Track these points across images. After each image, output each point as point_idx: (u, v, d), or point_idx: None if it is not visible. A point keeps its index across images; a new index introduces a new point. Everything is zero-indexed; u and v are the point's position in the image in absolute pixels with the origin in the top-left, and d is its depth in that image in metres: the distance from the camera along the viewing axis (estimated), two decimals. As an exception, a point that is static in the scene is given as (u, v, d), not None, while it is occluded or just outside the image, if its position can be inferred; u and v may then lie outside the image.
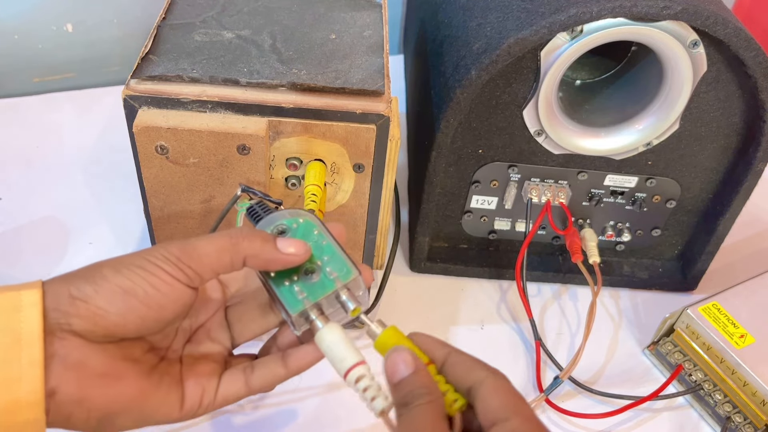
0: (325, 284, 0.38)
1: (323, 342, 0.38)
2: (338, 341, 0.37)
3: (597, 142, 0.59)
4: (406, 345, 0.36)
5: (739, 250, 0.75)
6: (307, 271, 0.38)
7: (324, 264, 0.38)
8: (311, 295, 0.38)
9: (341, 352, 0.37)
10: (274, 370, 0.40)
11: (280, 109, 0.45)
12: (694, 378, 0.58)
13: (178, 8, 0.53)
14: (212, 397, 0.38)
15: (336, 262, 0.39)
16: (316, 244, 0.39)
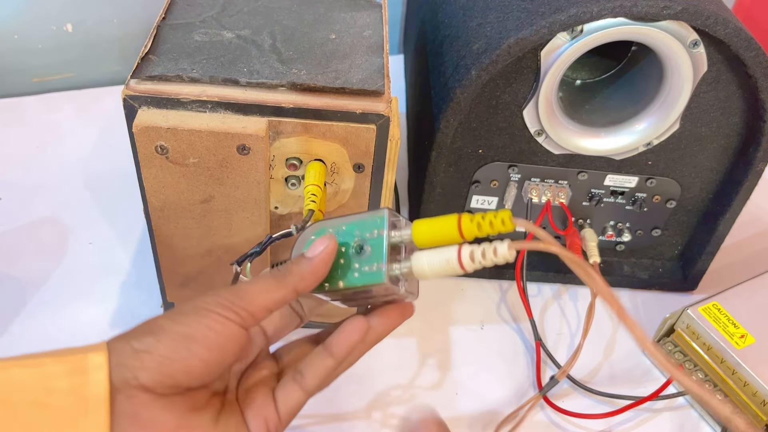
0: (377, 243, 0.35)
1: (423, 270, 0.35)
2: (431, 258, 0.34)
3: (597, 142, 0.59)
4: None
5: (739, 250, 0.75)
6: (356, 251, 0.36)
7: (361, 233, 0.36)
8: (378, 259, 0.35)
9: (440, 260, 0.34)
10: (322, 364, 0.39)
11: (280, 109, 0.45)
12: (694, 378, 0.58)
13: (178, 8, 0.53)
14: (276, 419, 0.38)
15: (366, 223, 0.36)
16: (336, 229, 0.37)
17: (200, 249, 0.51)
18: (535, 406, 0.57)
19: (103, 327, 0.60)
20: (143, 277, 0.64)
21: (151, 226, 0.50)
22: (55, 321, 0.60)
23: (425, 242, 0.34)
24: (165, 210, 0.49)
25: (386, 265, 0.35)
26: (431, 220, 0.34)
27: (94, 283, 0.64)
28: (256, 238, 0.51)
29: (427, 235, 0.34)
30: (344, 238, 0.37)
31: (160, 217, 0.49)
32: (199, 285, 0.54)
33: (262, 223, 0.50)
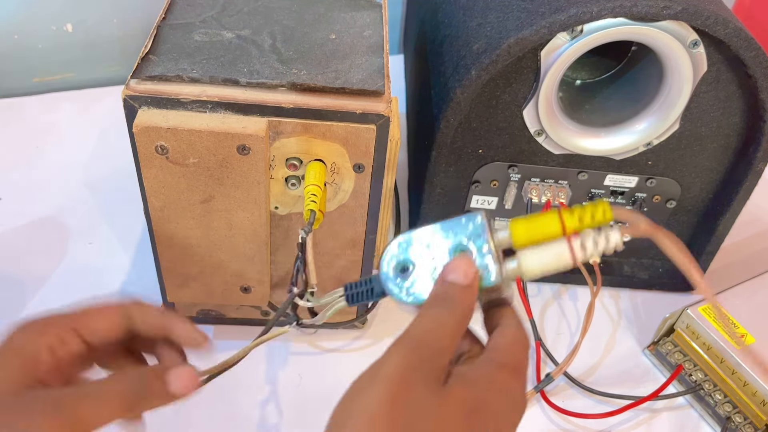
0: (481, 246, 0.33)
1: (532, 268, 0.33)
2: (540, 256, 0.33)
3: (597, 142, 0.59)
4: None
5: (739, 250, 0.75)
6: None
7: (456, 238, 0.34)
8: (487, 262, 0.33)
9: (550, 256, 0.33)
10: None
11: (280, 109, 0.45)
12: (694, 378, 0.58)
13: (178, 8, 0.53)
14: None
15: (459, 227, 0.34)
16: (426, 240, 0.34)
17: (200, 249, 0.51)
18: (536, 407, 0.57)
19: (103, 327, 0.60)
20: (143, 277, 0.64)
21: (151, 226, 0.50)
22: (55, 321, 0.60)
23: (524, 242, 0.34)
24: (165, 210, 0.49)
25: (498, 265, 0.33)
26: (529, 220, 0.34)
27: (94, 283, 0.64)
28: (256, 238, 0.51)
29: (527, 234, 0.33)
30: (434, 247, 0.34)
31: (160, 217, 0.49)
32: (199, 285, 0.54)
33: (263, 223, 0.50)
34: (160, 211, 0.49)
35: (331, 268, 0.56)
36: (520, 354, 0.32)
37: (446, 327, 0.31)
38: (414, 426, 0.28)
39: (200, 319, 0.60)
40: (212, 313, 0.60)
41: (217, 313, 0.60)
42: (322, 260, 0.55)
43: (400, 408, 0.28)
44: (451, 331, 0.31)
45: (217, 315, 0.60)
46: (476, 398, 0.29)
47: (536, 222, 0.33)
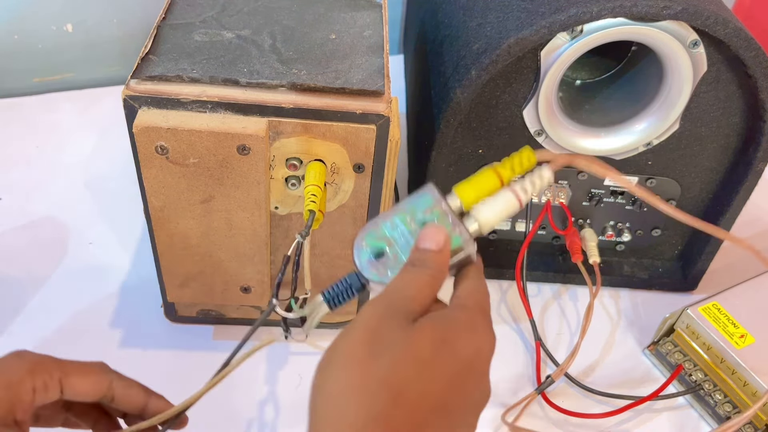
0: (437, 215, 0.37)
1: (489, 220, 0.37)
2: (493, 208, 0.37)
3: (597, 142, 0.59)
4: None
5: (740, 250, 0.75)
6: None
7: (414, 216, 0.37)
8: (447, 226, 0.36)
9: (501, 206, 0.37)
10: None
11: (280, 109, 0.45)
12: (694, 378, 0.58)
13: (178, 8, 0.53)
14: None
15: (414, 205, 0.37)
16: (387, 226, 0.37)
17: (200, 249, 0.51)
18: (536, 407, 0.57)
19: (103, 327, 0.60)
20: (143, 277, 0.64)
21: (151, 226, 0.50)
22: (55, 321, 0.60)
23: (472, 201, 0.37)
24: (165, 210, 0.49)
25: (458, 227, 0.36)
26: (470, 181, 0.37)
27: (94, 283, 0.64)
28: (256, 238, 0.51)
29: (473, 193, 0.37)
30: (399, 227, 0.37)
31: (160, 217, 0.49)
32: (199, 285, 0.54)
33: (263, 223, 0.50)
34: (160, 211, 0.49)
35: (331, 268, 0.56)
36: (481, 298, 0.35)
37: (417, 280, 0.34)
38: (385, 355, 0.30)
39: (200, 319, 0.60)
40: (212, 313, 0.60)
41: (217, 313, 0.60)
42: (322, 260, 0.55)
43: (374, 344, 0.31)
44: (422, 284, 0.34)
45: (217, 315, 0.60)
46: (444, 332, 0.32)
47: (478, 180, 0.37)
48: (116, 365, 0.57)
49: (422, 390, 0.30)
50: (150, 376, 0.57)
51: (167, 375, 0.57)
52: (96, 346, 0.58)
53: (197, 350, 0.59)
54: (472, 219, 0.37)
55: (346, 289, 0.38)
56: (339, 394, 0.30)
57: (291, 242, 0.53)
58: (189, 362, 0.58)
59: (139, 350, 0.58)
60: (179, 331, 0.60)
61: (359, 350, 0.31)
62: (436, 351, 0.31)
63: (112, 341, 0.59)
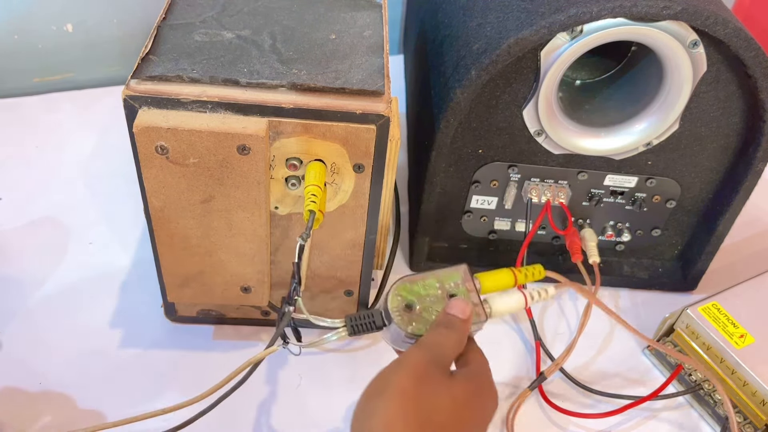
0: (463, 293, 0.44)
1: (500, 311, 0.45)
2: (505, 303, 0.46)
3: (597, 142, 0.59)
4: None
5: (739, 250, 0.75)
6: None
7: (442, 284, 0.44)
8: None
9: (512, 304, 0.46)
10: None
11: (280, 109, 0.45)
12: (694, 378, 0.58)
13: (178, 8, 0.53)
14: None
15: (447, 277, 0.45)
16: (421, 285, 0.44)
17: (200, 249, 0.51)
18: (537, 406, 0.57)
19: (103, 327, 0.60)
20: (143, 277, 0.64)
21: (151, 226, 0.50)
22: (55, 321, 0.60)
23: (489, 289, 0.46)
24: (165, 210, 0.49)
25: (479, 306, 0.44)
26: (492, 274, 0.46)
27: (94, 283, 0.64)
28: (256, 238, 0.51)
29: (492, 285, 0.46)
30: (430, 290, 0.44)
31: (161, 217, 0.49)
32: (199, 285, 0.54)
33: (263, 223, 0.50)
34: (160, 211, 0.49)
35: (331, 268, 0.56)
36: (488, 369, 0.43)
37: (450, 340, 0.41)
38: (432, 396, 0.38)
39: (200, 319, 0.60)
40: (212, 313, 0.60)
41: (217, 313, 0.60)
42: (322, 260, 0.55)
43: (423, 385, 0.38)
44: (453, 343, 0.41)
45: (217, 315, 0.60)
46: (475, 386, 0.41)
47: (499, 276, 0.46)
48: (116, 365, 0.57)
49: (456, 426, 0.38)
50: (150, 376, 0.57)
51: (167, 375, 0.57)
52: (96, 346, 0.58)
53: (197, 350, 0.59)
54: (488, 304, 0.45)
55: (369, 324, 0.44)
56: (391, 421, 0.36)
57: (291, 242, 0.53)
58: (189, 362, 0.58)
59: (139, 350, 0.59)
60: (179, 331, 0.60)
61: (410, 388, 0.37)
62: (469, 399, 0.39)
63: (112, 341, 0.59)
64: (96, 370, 0.57)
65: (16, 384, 0.55)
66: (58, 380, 0.55)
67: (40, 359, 0.57)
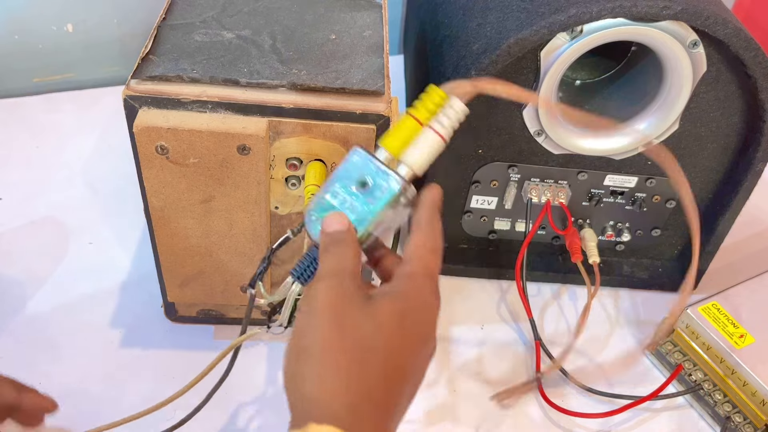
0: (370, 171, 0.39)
1: (421, 162, 0.39)
2: (420, 152, 0.39)
3: (597, 142, 0.59)
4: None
5: (739, 250, 0.75)
6: (360, 191, 0.39)
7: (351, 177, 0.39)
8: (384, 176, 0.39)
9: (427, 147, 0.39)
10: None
11: (280, 109, 0.45)
12: (694, 378, 0.58)
13: (178, 8, 0.53)
14: None
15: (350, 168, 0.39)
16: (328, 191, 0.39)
17: (200, 249, 0.51)
18: (536, 406, 0.57)
19: (104, 327, 0.60)
20: (143, 277, 0.64)
21: (152, 226, 0.50)
22: (55, 321, 0.60)
23: (399, 149, 0.39)
24: (165, 210, 0.49)
25: (394, 176, 0.38)
26: (392, 131, 0.40)
27: (94, 283, 0.64)
28: (256, 238, 0.51)
29: (398, 142, 0.39)
30: (341, 194, 0.39)
31: (161, 217, 0.49)
32: (199, 285, 0.54)
33: (263, 223, 0.50)
34: (160, 211, 0.49)
35: (331, 268, 0.56)
36: (427, 258, 0.37)
37: (346, 257, 0.37)
38: (361, 341, 0.34)
39: (200, 319, 0.60)
40: (212, 312, 0.60)
41: (217, 312, 0.60)
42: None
43: (345, 328, 0.34)
44: (350, 258, 0.37)
45: (217, 315, 0.60)
46: (401, 307, 0.35)
47: (398, 128, 0.40)
48: (116, 365, 0.57)
49: (390, 355, 0.34)
50: (150, 376, 0.57)
51: (167, 375, 0.57)
52: (96, 346, 0.58)
53: (197, 350, 0.59)
54: (404, 165, 0.39)
55: (311, 263, 0.40)
56: (325, 378, 0.33)
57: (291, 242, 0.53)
58: (189, 362, 0.58)
59: (139, 350, 0.59)
60: (179, 331, 0.60)
61: (334, 337, 0.34)
62: (397, 324, 0.35)
63: (112, 341, 0.59)
64: (96, 370, 0.57)
65: (16, 384, 0.55)
66: (58, 380, 0.55)
67: (40, 359, 0.57)
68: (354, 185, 0.39)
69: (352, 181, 0.39)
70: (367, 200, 0.39)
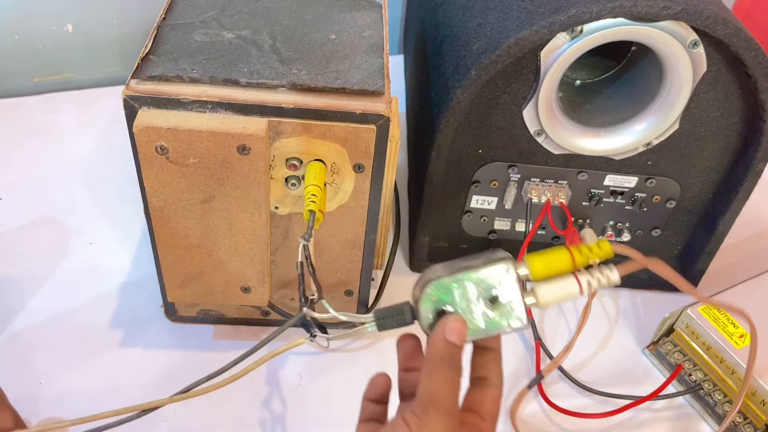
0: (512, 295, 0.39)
1: (548, 302, 0.39)
2: (555, 292, 0.38)
3: (597, 142, 0.59)
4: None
5: (739, 250, 0.75)
6: (489, 301, 0.39)
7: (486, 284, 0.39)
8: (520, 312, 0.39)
9: (564, 292, 0.38)
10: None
11: (280, 109, 0.45)
12: (694, 378, 0.58)
13: (178, 8, 0.53)
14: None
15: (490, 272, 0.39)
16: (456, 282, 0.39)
17: (200, 249, 0.51)
18: (536, 406, 0.57)
19: (104, 327, 0.60)
20: (143, 277, 0.64)
21: (151, 226, 0.50)
22: (55, 321, 0.60)
23: (541, 277, 0.38)
24: (165, 210, 0.49)
25: (524, 312, 0.39)
26: (543, 256, 0.38)
27: (94, 283, 0.64)
28: (256, 238, 0.51)
29: (544, 272, 0.38)
30: (467, 293, 0.39)
31: (161, 217, 0.49)
32: (199, 285, 0.54)
33: (263, 223, 0.50)
34: (160, 211, 0.49)
35: (332, 268, 0.56)
36: (497, 409, 0.40)
37: (457, 387, 0.37)
38: None
39: (200, 319, 0.60)
40: (212, 313, 0.60)
41: (217, 313, 0.60)
42: (323, 260, 0.55)
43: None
44: (458, 386, 0.37)
45: (217, 315, 0.60)
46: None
47: (553, 257, 0.38)
48: (116, 365, 0.57)
49: None
50: (150, 376, 0.57)
51: (167, 375, 0.57)
52: (96, 346, 0.58)
53: (197, 350, 0.59)
54: (533, 296, 0.39)
55: (397, 315, 0.40)
56: None
57: (291, 242, 0.53)
58: (189, 362, 0.58)
59: (139, 350, 0.59)
60: (179, 331, 0.60)
61: None
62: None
63: (112, 341, 0.59)
64: (96, 370, 0.57)
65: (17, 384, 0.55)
66: (58, 380, 0.55)
67: (41, 359, 0.57)
68: (485, 294, 0.38)
69: (486, 288, 0.38)
70: (489, 317, 0.39)
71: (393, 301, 0.41)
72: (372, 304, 0.61)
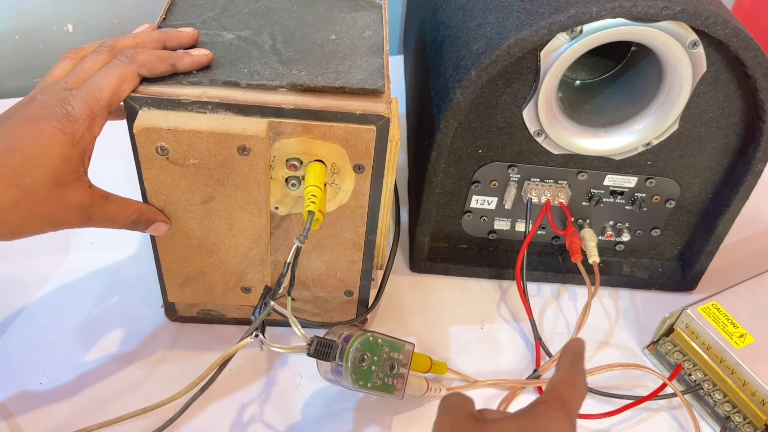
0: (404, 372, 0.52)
1: (412, 390, 0.54)
2: (417, 385, 0.54)
3: (597, 142, 0.59)
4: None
5: (739, 250, 0.75)
6: (390, 367, 0.51)
7: (389, 351, 0.51)
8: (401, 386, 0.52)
9: (420, 387, 0.54)
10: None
11: (281, 110, 0.45)
12: (694, 378, 0.58)
13: (178, 9, 0.53)
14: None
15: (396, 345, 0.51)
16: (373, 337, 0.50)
17: (200, 249, 0.51)
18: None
19: (104, 327, 0.60)
20: (143, 277, 0.64)
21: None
22: (56, 321, 0.60)
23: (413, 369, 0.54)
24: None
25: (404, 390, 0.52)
26: (418, 359, 0.55)
27: (95, 282, 0.64)
28: (256, 238, 0.51)
29: (416, 367, 0.55)
30: (379, 350, 0.50)
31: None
32: (199, 285, 0.54)
33: (263, 223, 0.50)
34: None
35: (331, 268, 0.56)
36: (564, 392, 0.39)
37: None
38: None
39: (200, 319, 0.60)
40: (212, 313, 0.60)
41: (217, 313, 0.60)
42: (322, 260, 0.55)
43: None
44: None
45: (217, 315, 0.60)
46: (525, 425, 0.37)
47: (421, 361, 0.55)
48: (116, 365, 0.57)
49: None
50: (150, 376, 0.57)
51: (167, 375, 0.57)
52: (96, 345, 0.58)
53: (197, 350, 0.59)
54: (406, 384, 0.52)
55: (328, 354, 0.48)
56: None
57: (291, 243, 0.53)
58: (189, 362, 0.58)
59: (139, 350, 0.59)
60: (179, 331, 0.60)
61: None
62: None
63: (112, 341, 0.59)
64: (96, 369, 0.57)
65: (17, 384, 0.55)
66: (58, 380, 0.56)
67: (41, 359, 0.57)
68: (385, 358, 0.50)
69: (386, 352, 0.50)
70: (385, 377, 0.50)
71: (392, 302, 0.41)
72: (372, 304, 0.61)
